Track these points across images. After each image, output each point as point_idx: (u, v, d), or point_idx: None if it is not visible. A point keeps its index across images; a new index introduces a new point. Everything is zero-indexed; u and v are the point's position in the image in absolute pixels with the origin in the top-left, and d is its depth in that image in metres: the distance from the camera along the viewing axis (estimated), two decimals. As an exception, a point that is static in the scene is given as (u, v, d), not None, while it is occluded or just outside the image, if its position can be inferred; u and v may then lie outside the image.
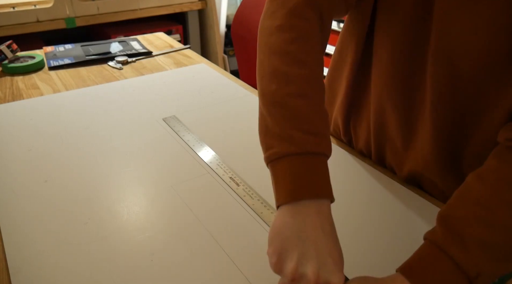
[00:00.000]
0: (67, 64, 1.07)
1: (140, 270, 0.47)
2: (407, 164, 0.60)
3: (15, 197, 0.58)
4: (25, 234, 0.52)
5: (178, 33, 2.18)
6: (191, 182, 0.61)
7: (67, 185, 0.61)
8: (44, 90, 0.93)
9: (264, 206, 0.56)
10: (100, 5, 1.86)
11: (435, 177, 0.57)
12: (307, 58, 0.45)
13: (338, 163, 0.66)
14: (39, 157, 0.67)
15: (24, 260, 0.48)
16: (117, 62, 1.08)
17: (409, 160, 0.59)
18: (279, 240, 0.39)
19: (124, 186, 0.61)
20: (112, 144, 0.71)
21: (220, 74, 1.01)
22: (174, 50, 1.19)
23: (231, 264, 0.47)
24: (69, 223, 0.53)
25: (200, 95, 0.89)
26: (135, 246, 0.50)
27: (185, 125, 0.77)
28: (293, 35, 0.45)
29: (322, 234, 0.39)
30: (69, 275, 0.46)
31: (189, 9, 2.16)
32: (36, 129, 0.76)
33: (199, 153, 0.68)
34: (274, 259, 0.39)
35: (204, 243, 0.50)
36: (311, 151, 0.41)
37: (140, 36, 1.32)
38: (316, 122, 0.42)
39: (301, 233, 0.39)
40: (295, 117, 0.42)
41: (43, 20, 1.76)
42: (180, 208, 0.56)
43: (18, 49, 1.07)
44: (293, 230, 0.39)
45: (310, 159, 0.41)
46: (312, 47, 0.46)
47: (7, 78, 1.00)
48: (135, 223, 0.53)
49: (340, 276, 0.38)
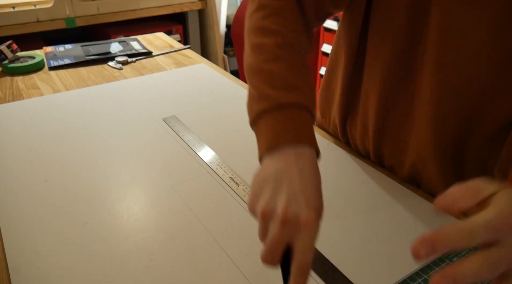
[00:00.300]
0: (67, 64, 1.07)
1: (140, 270, 0.47)
2: (407, 163, 0.60)
3: (15, 197, 0.58)
4: (25, 234, 0.52)
5: (178, 33, 2.19)
6: (191, 182, 0.61)
7: (67, 185, 0.61)
8: (44, 90, 0.93)
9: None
10: (100, 5, 1.86)
11: (435, 176, 0.57)
12: (280, 29, 0.47)
13: (337, 162, 0.66)
14: (39, 157, 0.67)
15: (24, 260, 0.48)
16: (117, 62, 1.08)
17: (409, 159, 0.59)
18: (257, 182, 0.39)
19: (124, 186, 0.61)
20: (112, 144, 0.71)
21: (220, 74, 1.01)
22: (174, 50, 1.19)
23: (231, 264, 0.47)
24: (69, 223, 0.53)
25: (200, 95, 0.89)
26: (135, 246, 0.50)
27: (185, 125, 0.77)
28: (266, 12, 0.49)
29: (299, 174, 0.38)
30: (69, 275, 0.46)
31: (189, 9, 2.16)
32: (36, 129, 0.76)
33: (199, 153, 0.68)
34: (249, 200, 0.39)
35: (204, 243, 0.50)
36: (287, 103, 0.42)
37: (140, 36, 1.32)
38: (290, 80, 0.44)
39: (278, 173, 0.38)
40: (270, 79, 0.44)
41: (43, 20, 1.76)
42: (180, 208, 0.56)
43: (18, 49, 1.07)
44: (271, 171, 0.39)
45: (288, 110, 0.42)
46: (285, 19, 0.48)
47: (7, 78, 1.00)
48: (135, 223, 0.53)
49: (309, 212, 0.36)
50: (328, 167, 0.65)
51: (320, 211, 0.37)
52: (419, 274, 0.46)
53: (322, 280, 0.45)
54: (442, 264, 0.47)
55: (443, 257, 0.48)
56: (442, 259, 0.48)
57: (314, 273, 0.46)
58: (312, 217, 0.36)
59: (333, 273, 0.46)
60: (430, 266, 0.47)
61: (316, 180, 0.39)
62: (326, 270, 0.46)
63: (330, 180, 0.61)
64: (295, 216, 0.36)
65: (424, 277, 0.46)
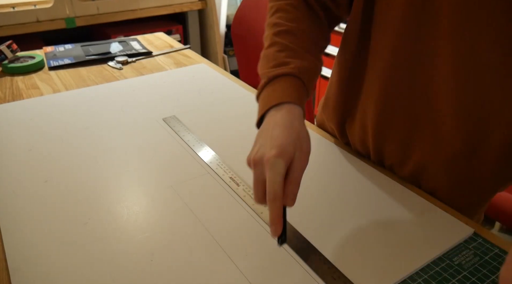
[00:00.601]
0: (67, 64, 1.07)
1: (140, 270, 0.47)
2: (410, 162, 0.60)
3: (15, 197, 0.58)
4: (25, 234, 0.52)
5: (178, 33, 2.18)
6: (191, 182, 0.61)
7: (67, 185, 0.61)
8: (44, 90, 0.93)
9: (264, 206, 0.56)
10: (100, 5, 1.86)
11: (439, 175, 0.57)
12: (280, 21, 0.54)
13: (337, 162, 0.66)
14: (39, 157, 0.67)
15: (24, 260, 0.48)
16: (117, 62, 1.08)
17: (413, 158, 0.59)
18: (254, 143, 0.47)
19: (124, 186, 0.61)
20: (112, 144, 0.71)
21: (220, 74, 1.01)
22: (174, 50, 1.19)
23: (231, 264, 0.47)
24: (69, 223, 0.53)
25: (200, 95, 0.89)
26: (135, 246, 0.50)
27: (185, 125, 0.77)
28: (272, 11, 0.57)
29: (272, 126, 0.45)
30: (69, 275, 0.46)
31: (189, 9, 2.16)
32: (36, 129, 0.76)
33: (199, 153, 0.68)
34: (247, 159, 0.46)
35: (204, 243, 0.50)
36: (272, 76, 0.49)
37: (140, 36, 1.32)
38: (280, 58, 0.51)
39: (260, 132, 0.47)
40: (266, 61, 0.52)
41: (43, 20, 1.76)
42: (180, 208, 0.56)
43: (18, 49, 1.07)
44: (258, 133, 0.47)
45: (274, 82, 0.49)
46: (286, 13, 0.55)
47: (7, 78, 1.00)
48: (135, 223, 0.53)
49: (270, 151, 0.42)
50: (328, 167, 0.65)
51: (281, 149, 0.42)
52: (419, 274, 0.46)
53: (321, 279, 0.45)
54: (442, 264, 0.47)
55: (442, 257, 0.48)
56: (442, 258, 0.48)
57: (314, 273, 0.46)
58: (271, 154, 0.42)
59: (333, 272, 0.46)
60: (430, 266, 0.47)
61: (291, 124, 0.45)
62: (325, 270, 0.46)
63: (330, 180, 0.61)
64: (261, 156, 0.43)
65: (424, 277, 0.46)
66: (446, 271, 0.47)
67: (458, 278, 0.46)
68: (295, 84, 0.49)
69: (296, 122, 0.46)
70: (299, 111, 0.47)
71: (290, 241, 0.50)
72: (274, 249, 0.49)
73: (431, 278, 0.46)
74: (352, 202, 0.57)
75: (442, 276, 0.46)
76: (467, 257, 0.48)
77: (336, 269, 0.46)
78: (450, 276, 0.46)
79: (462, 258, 0.48)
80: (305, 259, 0.47)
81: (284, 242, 0.43)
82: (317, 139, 0.73)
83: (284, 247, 0.49)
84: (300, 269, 0.46)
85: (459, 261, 0.48)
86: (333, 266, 0.46)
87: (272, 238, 0.50)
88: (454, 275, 0.46)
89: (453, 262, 0.48)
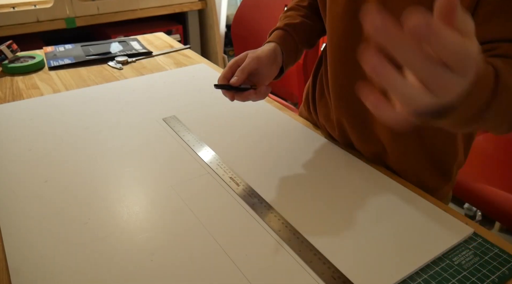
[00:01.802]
0: (67, 64, 1.07)
1: (140, 270, 0.47)
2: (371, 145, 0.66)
3: (15, 197, 0.58)
4: (25, 234, 0.52)
5: (178, 33, 2.18)
6: (191, 182, 0.61)
7: (67, 185, 0.61)
8: (44, 90, 0.93)
9: (264, 206, 0.56)
10: (100, 5, 1.86)
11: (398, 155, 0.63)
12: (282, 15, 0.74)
13: (332, 160, 0.66)
14: (39, 157, 0.67)
15: (24, 260, 0.48)
16: (117, 62, 1.08)
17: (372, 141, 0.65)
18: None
19: (124, 186, 0.61)
20: (112, 144, 0.71)
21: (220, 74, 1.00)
22: (174, 50, 1.19)
23: (231, 264, 0.47)
24: (69, 223, 0.53)
25: (200, 95, 0.89)
26: (135, 246, 0.50)
27: (185, 125, 0.77)
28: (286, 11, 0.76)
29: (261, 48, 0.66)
30: (69, 275, 0.46)
31: (189, 9, 2.16)
32: (36, 129, 0.76)
33: (199, 153, 0.68)
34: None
35: (204, 243, 0.50)
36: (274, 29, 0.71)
37: (140, 36, 1.32)
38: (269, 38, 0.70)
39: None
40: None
41: (43, 20, 1.76)
42: (180, 208, 0.56)
43: (18, 49, 1.07)
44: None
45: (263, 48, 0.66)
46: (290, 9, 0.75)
47: (7, 78, 1.00)
48: (135, 223, 0.53)
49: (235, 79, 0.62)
50: (328, 167, 0.65)
51: (248, 68, 0.62)
52: (419, 274, 0.46)
53: (321, 279, 0.45)
54: (442, 264, 0.47)
55: (442, 257, 0.48)
56: (441, 258, 0.48)
57: (314, 273, 0.46)
58: (236, 81, 0.62)
59: (333, 272, 0.46)
60: (430, 266, 0.47)
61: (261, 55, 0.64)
62: (325, 270, 0.46)
63: (330, 180, 0.61)
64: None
65: (424, 277, 0.46)
66: (446, 271, 0.47)
67: (458, 278, 0.46)
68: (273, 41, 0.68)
69: (266, 48, 0.66)
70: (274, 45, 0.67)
71: (289, 240, 0.50)
72: (274, 249, 0.49)
73: (431, 278, 0.46)
74: (351, 202, 0.57)
75: (442, 276, 0.46)
76: (467, 257, 0.48)
77: (336, 269, 0.46)
78: (450, 276, 0.46)
79: (462, 258, 0.48)
80: (305, 259, 0.47)
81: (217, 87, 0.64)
82: (312, 136, 0.73)
83: (284, 247, 0.49)
84: (300, 269, 0.46)
85: (459, 261, 0.48)
86: (333, 266, 0.46)
87: (272, 238, 0.50)
88: (454, 275, 0.46)
89: (453, 262, 0.48)
